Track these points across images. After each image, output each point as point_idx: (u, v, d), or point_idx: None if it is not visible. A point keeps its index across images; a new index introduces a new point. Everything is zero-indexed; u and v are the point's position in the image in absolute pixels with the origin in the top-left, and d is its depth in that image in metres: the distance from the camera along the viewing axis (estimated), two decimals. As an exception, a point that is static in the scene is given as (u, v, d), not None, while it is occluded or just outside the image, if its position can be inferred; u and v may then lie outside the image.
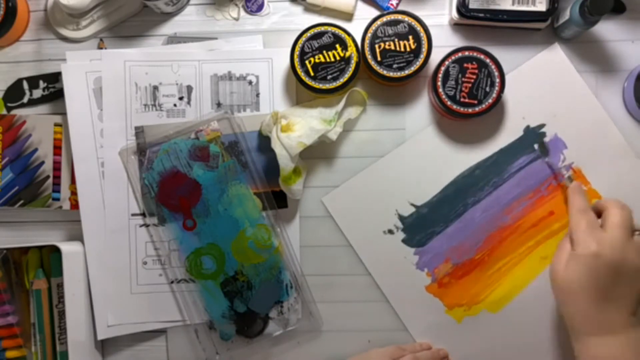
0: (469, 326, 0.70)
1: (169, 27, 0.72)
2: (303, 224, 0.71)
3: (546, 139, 0.69)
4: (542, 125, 0.69)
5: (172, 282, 0.71)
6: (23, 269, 0.70)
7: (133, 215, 0.71)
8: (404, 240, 0.70)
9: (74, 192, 0.71)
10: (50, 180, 0.71)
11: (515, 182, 0.70)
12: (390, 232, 0.70)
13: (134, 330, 0.71)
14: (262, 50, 0.71)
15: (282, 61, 0.70)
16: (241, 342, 0.70)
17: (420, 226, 0.70)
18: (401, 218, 0.70)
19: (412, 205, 0.70)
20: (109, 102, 0.70)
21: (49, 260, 0.69)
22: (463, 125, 0.70)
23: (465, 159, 0.70)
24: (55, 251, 0.68)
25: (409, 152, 0.70)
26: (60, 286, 0.69)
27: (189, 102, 0.70)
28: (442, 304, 0.70)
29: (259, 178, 0.70)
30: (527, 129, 0.70)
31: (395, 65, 0.66)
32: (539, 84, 0.70)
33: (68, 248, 0.68)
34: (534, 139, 0.70)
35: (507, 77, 0.67)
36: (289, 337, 0.71)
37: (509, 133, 0.70)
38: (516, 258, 0.70)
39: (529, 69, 0.70)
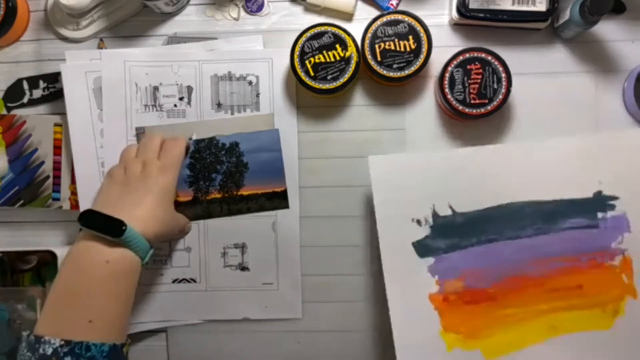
0: (457, 359, 0.65)
1: (169, 27, 0.72)
2: (303, 224, 0.71)
3: (612, 213, 0.65)
4: (615, 198, 0.65)
5: (173, 281, 0.71)
6: (18, 272, 0.70)
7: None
8: (427, 237, 0.66)
9: (74, 192, 0.71)
10: (50, 180, 0.71)
11: (559, 238, 0.65)
12: (419, 222, 0.66)
13: (134, 330, 0.71)
14: (262, 51, 0.71)
15: (282, 61, 0.70)
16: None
17: (448, 232, 0.65)
18: (434, 215, 0.66)
19: (451, 208, 0.66)
20: (109, 103, 0.70)
21: (46, 263, 0.69)
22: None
23: (525, 190, 0.65)
24: (52, 255, 0.67)
25: (479, 157, 0.66)
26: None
27: (189, 103, 0.70)
28: (440, 322, 0.65)
29: (259, 178, 0.70)
30: (599, 195, 0.65)
31: (395, 65, 0.66)
32: (634, 159, 0.65)
33: (64, 253, 0.67)
34: (600, 208, 0.65)
35: (607, 135, 0.65)
36: (289, 337, 0.71)
37: (579, 189, 0.65)
38: (527, 314, 0.65)
39: (631, 138, 0.65)
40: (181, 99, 0.70)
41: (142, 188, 0.60)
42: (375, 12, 0.72)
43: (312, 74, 0.67)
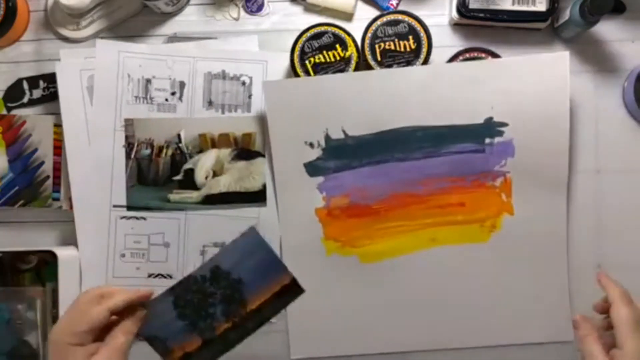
0: (334, 263, 0.69)
1: (169, 27, 0.72)
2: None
3: (499, 139, 0.66)
4: (505, 125, 0.66)
5: (148, 276, 0.70)
6: (18, 272, 0.70)
7: (115, 206, 0.70)
8: (319, 159, 0.68)
9: (74, 192, 0.71)
10: (50, 180, 0.71)
11: (447, 161, 0.67)
12: (311, 145, 0.68)
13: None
14: (257, 52, 0.70)
15: (278, 64, 0.70)
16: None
17: (340, 154, 0.68)
18: (327, 138, 0.67)
19: (344, 131, 0.67)
20: (99, 90, 0.69)
21: (46, 263, 0.69)
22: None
23: (416, 115, 0.67)
24: (52, 255, 0.67)
25: (373, 81, 0.67)
26: (55, 291, 0.68)
27: (180, 98, 0.70)
28: (322, 231, 0.69)
29: (260, 283, 0.60)
30: (489, 121, 0.66)
31: (395, 65, 0.66)
32: (529, 84, 0.66)
33: (64, 254, 0.67)
34: (488, 133, 0.67)
35: (501, 61, 0.66)
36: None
37: (471, 114, 0.66)
38: (408, 227, 0.68)
39: (527, 64, 0.66)
40: (173, 93, 0.70)
41: None
42: (375, 12, 0.72)
43: (312, 74, 0.67)
